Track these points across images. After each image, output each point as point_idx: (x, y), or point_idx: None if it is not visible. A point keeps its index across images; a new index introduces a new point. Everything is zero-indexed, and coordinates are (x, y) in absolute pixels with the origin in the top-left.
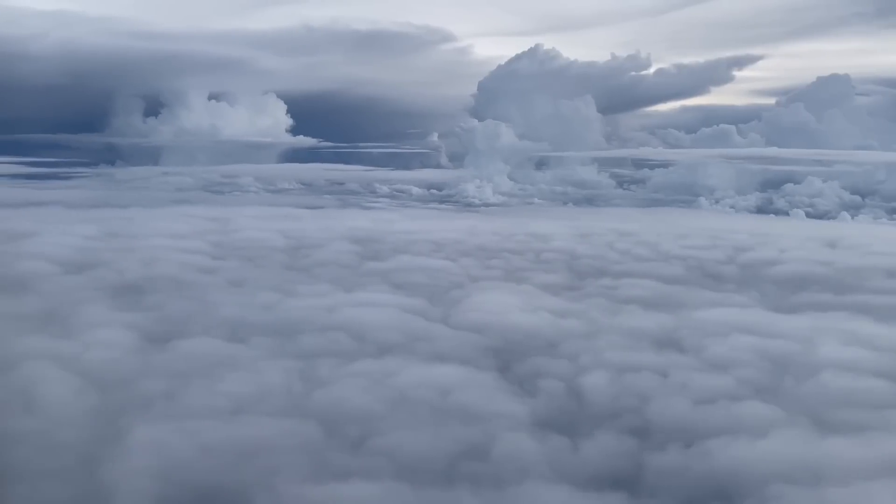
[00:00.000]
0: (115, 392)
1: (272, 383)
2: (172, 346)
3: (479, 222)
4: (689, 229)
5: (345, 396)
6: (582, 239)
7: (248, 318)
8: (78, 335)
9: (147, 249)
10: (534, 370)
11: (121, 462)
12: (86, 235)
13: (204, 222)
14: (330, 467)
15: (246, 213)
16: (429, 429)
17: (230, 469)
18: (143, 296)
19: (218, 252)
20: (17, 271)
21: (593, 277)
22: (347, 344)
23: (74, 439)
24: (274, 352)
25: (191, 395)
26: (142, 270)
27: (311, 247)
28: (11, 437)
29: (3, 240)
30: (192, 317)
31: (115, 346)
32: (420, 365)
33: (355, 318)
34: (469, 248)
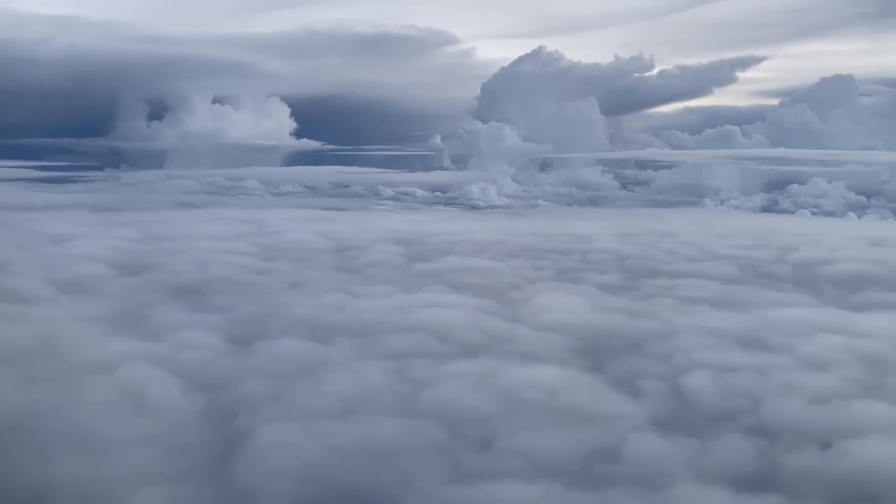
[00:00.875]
0: (220, 393)
1: (375, 384)
2: (260, 347)
3: (514, 223)
4: (728, 229)
5: (454, 397)
6: (623, 239)
7: (323, 319)
8: (162, 337)
9: (194, 251)
10: (629, 371)
11: (254, 463)
12: (127, 238)
13: (238, 224)
14: (467, 468)
15: (277, 215)
16: (552, 430)
17: (368, 470)
18: (207, 297)
19: (266, 254)
20: (75, 274)
21: (647, 277)
22: (432, 344)
23: (196, 441)
24: (362, 352)
25: (298, 396)
26: (197, 272)
27: (355, 248)
28: (132, 439)
29: (46, 242)
30: (266, 318)
31: (204, 347)
32: (517, 366)
33: (431, 319)
34: (513, 248)
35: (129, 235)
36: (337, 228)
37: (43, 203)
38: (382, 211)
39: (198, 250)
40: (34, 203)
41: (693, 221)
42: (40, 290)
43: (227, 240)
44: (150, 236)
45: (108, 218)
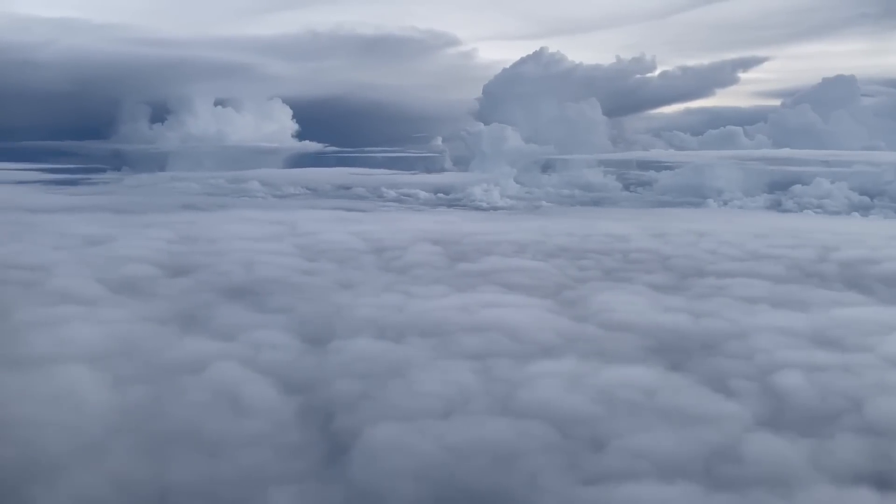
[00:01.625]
0: (313, 393)
1: (466, 383)
2: (336, 347)
3: (544, 223)
4: (765, 229)
5: (552, 397)
6: (659, 239)
7: (387, 320)
8: (235, 337)
9: (236, 252)
10: (714, 370)
11: (371, 463)
12: (163, 239)
13: (268, 225)
14: (591, 468)
15: (305, 216)
16: (662, 430)
17: (490, 470)
18: (263, 298)
19: (307, 255)
20: (124, 275)
21: (695, 277)
22: (507, 344)
23: (303, 440)
24: (441, 352)
25: (392, 395)
26: (245, 273)
27: (392, 249)
28: (241, 439)
29: (83, 244)
30: (329, 318)
31: (282, 347)
32: (602, 365)
33: (497, 319)
34: (551, 248)
35: (164, 237)
36: (368, 229)
37: (60, 205)
38: (408, 211)
39: (239, 251)
40: (52, 205)
41: (727, 222)
42: (96, 291)
43: (264, 241)
44: (186, 238)
45: (133, 220)
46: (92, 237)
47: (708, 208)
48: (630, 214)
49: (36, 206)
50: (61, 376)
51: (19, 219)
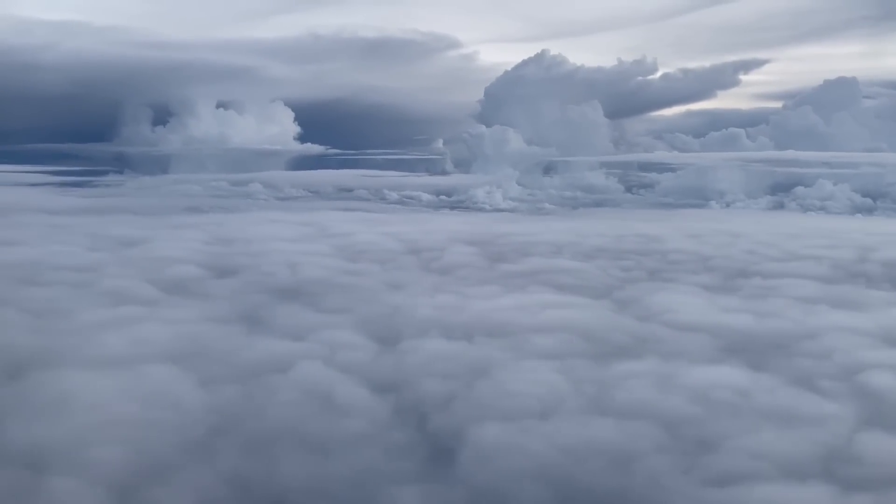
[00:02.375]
0: (402, 392)
1: (554, 383)
2: (408, 347)
3: (574, 224)
4: (795, 229)
5: (646, 397)
6: (694, 240)
7: (449, 320)
8: (306, 337)
9: (276, 254)
10: (799, 371)
11: (484, 464)
12: (198, 240)
13: (298, 227)
14: (711, 469)
15: (332, 217)
16: (770, 431)
17: (609, 471)
18: (317, 298)
19: (346, 256)
20: (172, 276)
21: (742, 277)
22: (580, 344)
23: (407, 440)
24: (516, 352)
25: (483, 395)
26: (291, 274)
27: (429, 250)
28: (346, 439)
29: (121, 246)
30: (390, 318)
31: (356, 347)
32: (687, 366)
33: (561, 319)
34: (588, 249)
35: (198, 238)
36: (399, 230)
37: (76, 207)
38: (432, 213)
39: (278, 252)
40: (69, 207)
41: (757, 223)
42: (149, 292)
43: (298, 242)
44: (220, 239)
45: (159, 221)
46: (125, 239)
47: (724, 210)
48: (655, 215)
49: (52, 207)
50: (150, 376)
51: (42, 220)
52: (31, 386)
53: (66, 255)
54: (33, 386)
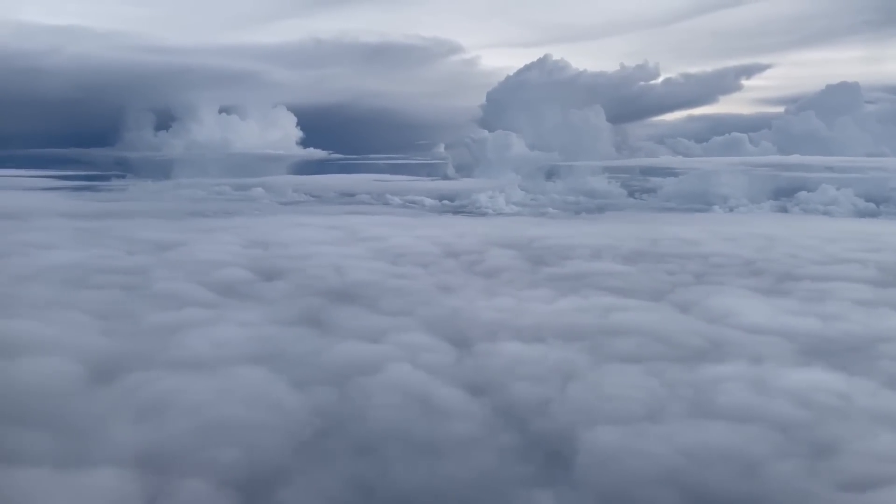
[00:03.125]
0: (496, 395)
1: (648, 387)
2: (485, 349)
3: (606, 227)
4: (831, 232)
5: (748, 401)
6: (732, 243)
7: (516, 322)
8: (380, 340)
9: (317, 257)
10: (884, 373)
11: (606, 468)
12: (234, 244)
13: (329, 230)
14: (842, 473)
15: (358, 221)
16: (887, 434)
17: (737, 474)
18: (374, 301)
19: (387, 258)
20: (220, 279)
21: (791, 281)
22: (658, 347)
23: (517, 443)
24: (596, 355)
25: (578, 398)
26: (338, 277)
27: (467, 253)
28: (455, 441)
29: (159, 249)
30: (454, 321)
31: (434, 349)
32: (778, 369)
33: (631, 322)
34: (627, 253)
35: (232, 241)
36: (430, 234)
37: (95, 211)
38: (452, 217)
39: (319, 255)
40: (87, 211)
41: (787, 227)
42: (204, 295)
43: (334, 245)
44: (255, 242)
45: (185, 225)
46: (158, 242)
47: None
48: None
49: (68, 211)
50: (242, 378)
51: (65, 224)
52: (127, 388)
53: (107, 258)
54: (130, 388)
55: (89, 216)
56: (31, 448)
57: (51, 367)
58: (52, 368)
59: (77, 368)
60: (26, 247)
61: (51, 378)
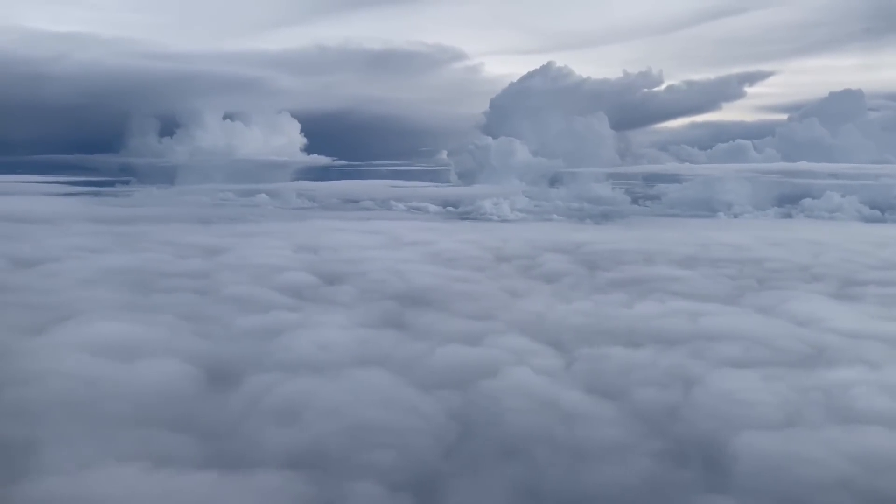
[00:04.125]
0: (623, 399)
1: (778, 391)
2: (589, 354)
3: (646, 233)
4: (875, 238)
5: (886, 405)
6: (781, 248)
7: (604, 326)
8: (485, 343)
9: (371, 261)
10: None
11: (776, 473)
12: (282, 248)
13: (370, 236)
14: None
15: (395, 227)
16: None
17: None
18: (446, 304)
19: (441, 263)
20: (286, 282)
21: (855, 285)
22: (764, 352)
23: (668, 448)
24: (707, 360)
25: (711, 403)
26: (402, 281)
27: (516, 258)
28: (608, 447)
29: (209, 254)
30: (541, 325)
31: (539, 353)
32: None
33: (724, 326)
34: (679, 258)
35: (280, 245)
36: (475, 238)
37: (121, 216)
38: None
39: (373, 260)
40: (113, 216)
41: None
42: (278, 299)
43: (381, 249)
44: (302, 247)
45: (221, 230)
46: (205, 247)
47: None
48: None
49: (99, 216)
50: (365, 381)
51: (99, 229)
52: (252, 391)
53: (161, 262)
54: (255, 391)
55: (118, 221)
56: (184, 451)
57: (168, 370)
58: (170, 371)
59: (192, 370)
60: (75, 251)
61: (172, 380)
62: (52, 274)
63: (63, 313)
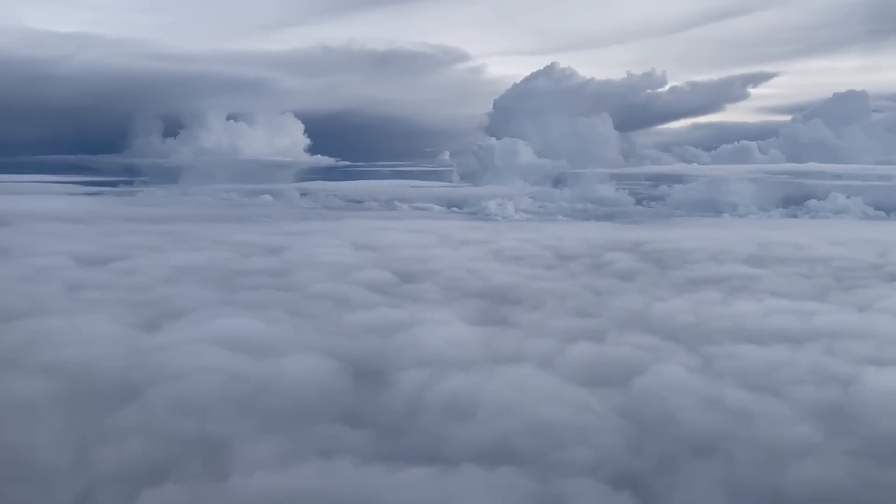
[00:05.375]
0: (786, 399)
1: None
2: (721, 351)
3: (699, 233)
4: None
5: None
6: (842, 247)
7: (718, 324)
8: (609, 340)
9: (438, 259)
10: None
11: None
12: (340, 245)
13: (419, 235)
14: None
15: (439, 226)
16: None
17: None
18: (537, 303)
19: (508, 261)
20: (366, 280)
21: None
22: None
23: (857, 443)
24: (845, 358)
25: (874, 402)
26: (480, 280)
27: (579, 256)
28: (802, 446)
29: (269, 253)
30: (651, 321)
31: (671, 350)
32: None
33: (838, 324)
34: (742, 256)
35: (335, 244)
36: (527, 237)
37: (154, 216)
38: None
39: (440, 259)
40: (148, 216)
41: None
42: (371, 296)
43: (439, 248)
44: (359, 245)
45: (268, 229)
46: (264, 246)
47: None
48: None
49: (133, 216)
50: (521, 377)
51: (151, 228)
52: (408, 387)
53: (228, 260)
54: (411, 387)
55: (153, 220)
56: (372, 446)
57: (313, 366)
58: (315, 366)
59: (336, 365)
60: (134, 249)
61: (322, 376)
62: (129, 272)
63: (167, 310)
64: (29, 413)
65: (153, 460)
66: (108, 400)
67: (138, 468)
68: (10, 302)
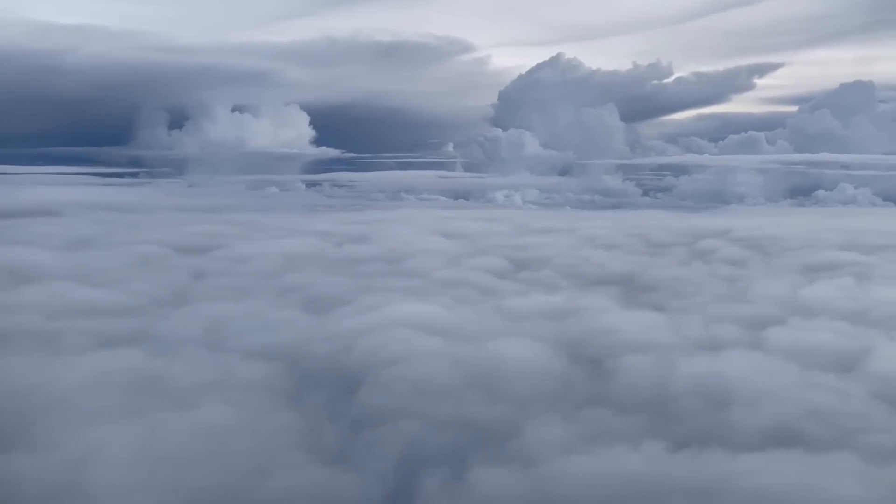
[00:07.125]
0: None
1: None
2: None
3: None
4: None
5: None
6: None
7: (883, 311)
8: (790, 323)
9: (539, 247)
10: None
11: None
12: (436, 234)
13: (486, 223)
14: None
15: (499, 214)
16: None
17: None
18: (675, 291)
19: (607, 248)
20: (490, 267)
21: None
22: None
23: None
24: None
25: None
26: (595, 266)
27: (667, 245)
28: None
29: (355, 241)
30: (786, 306)
31: (868, 336)
32: None
33: None
34: (840, 243)
35: (418, 232)
36: (606, 225)
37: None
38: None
39: (540, 246)
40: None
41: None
42: (491, 282)
43: (523, 235)
44: (443, 234)
45: (332, 218)
46: (345, 234)
47: None
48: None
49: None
50: (742, 362)
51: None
52: (640, 372)
53: (324, 249)
54: (643, 372)
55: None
56: (649, 432)
57: (526, 351)
58: (527, 351)
59: (545, 349)
60: (220, 238)
61: (544, 360)
62: (239, 260)
63: (316, 296)
64: (274, 396)
65: (437, 444)
66: (337, 384)
67: (425, 451)
68: (153, 290)
